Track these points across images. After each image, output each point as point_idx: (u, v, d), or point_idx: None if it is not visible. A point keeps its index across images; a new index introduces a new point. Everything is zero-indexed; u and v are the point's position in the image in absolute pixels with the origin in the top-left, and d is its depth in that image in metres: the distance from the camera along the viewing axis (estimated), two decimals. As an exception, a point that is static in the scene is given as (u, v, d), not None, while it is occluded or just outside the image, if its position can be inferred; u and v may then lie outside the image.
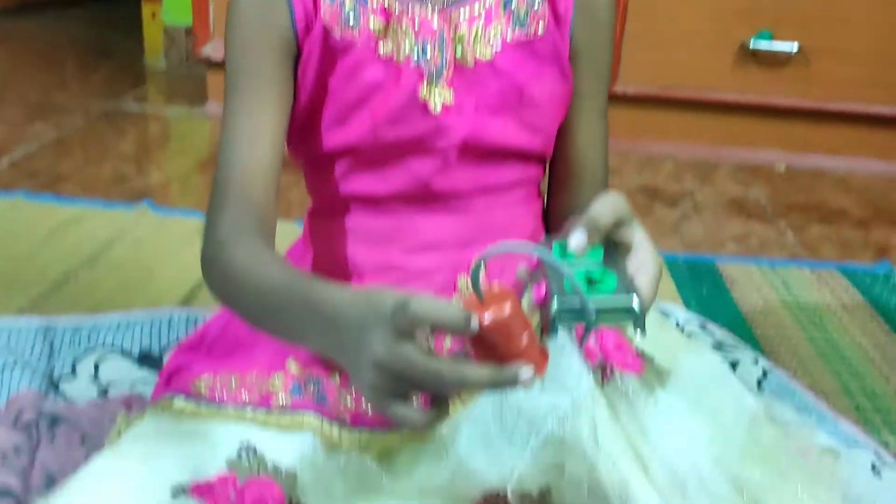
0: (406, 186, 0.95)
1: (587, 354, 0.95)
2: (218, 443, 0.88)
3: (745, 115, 2.52)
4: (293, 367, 0.97)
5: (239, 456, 0.88)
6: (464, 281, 0.96)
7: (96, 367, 1.23)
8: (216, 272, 0.87)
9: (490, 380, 0.65)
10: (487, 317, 0.63)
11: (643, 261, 0.78)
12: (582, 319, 0.68)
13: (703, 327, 1.48)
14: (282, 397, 0.94)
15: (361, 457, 0.91)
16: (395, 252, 0.96)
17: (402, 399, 0.67)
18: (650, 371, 0.97)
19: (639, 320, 0.70)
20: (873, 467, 1.10)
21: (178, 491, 0.84)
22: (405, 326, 0.64)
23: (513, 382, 0.65)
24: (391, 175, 0.94)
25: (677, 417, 0.94)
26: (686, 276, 1.75)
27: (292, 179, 1.07)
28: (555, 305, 0.67)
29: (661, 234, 1.98)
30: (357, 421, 0.95)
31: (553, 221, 1.04)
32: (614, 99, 1.11)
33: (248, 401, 0.93)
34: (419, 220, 0.96)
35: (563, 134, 1.04)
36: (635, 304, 0.69)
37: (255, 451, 0.88)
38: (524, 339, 0.64)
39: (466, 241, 0.96)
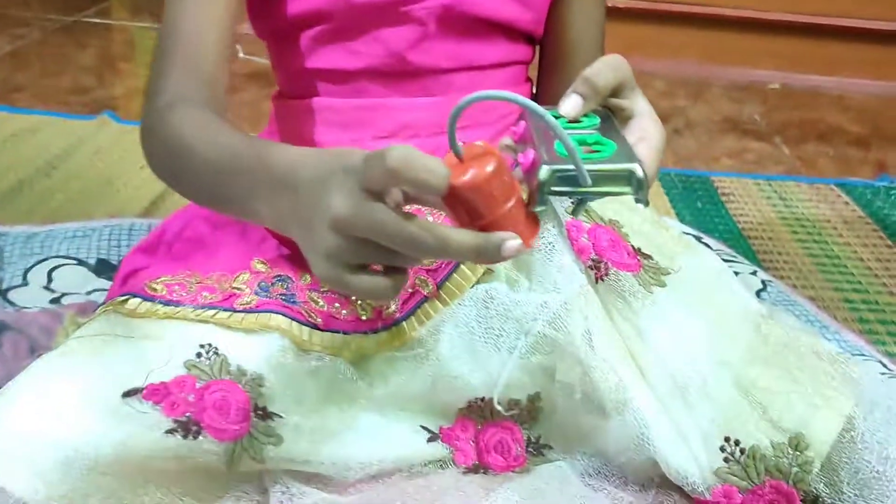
0: (379, 61, 0.85)
1: (579, 252, 0.87)
2: (175, 344, 0.80)
3: (738, 31, 2.42)
4: (259, 266, 0.89)
5: (198, 357, 0.79)
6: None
7: (49, 276, 1.14)
8: (157, 142, 0.77)
9: (473, 246, 0.55)
10: (468, 175, 0.54)
11: (645, 129, 0.69)
12: (575, 189, 0.58)
13: (698, 240, 1.41)
14: (247, 297, 0.86)
15: (334, 360, 0.84)
16: (368, 136, 0.86)
17: (360, 270, 0.57)
18: (648, 269, 0.89)
19: (641, 191, 0.60)
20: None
21: (131, 393, 0.75)
22: (377, 182, 0.54)
23: (497, 252, 0.56)
24: (362, 47, 0.85)
25: (677, 318, 0.87)
26: (680, 190, 1.67)
27: (265, 92, 0.97)
28: (543, 169, 0.57)
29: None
30: (329, 323, 0.87)
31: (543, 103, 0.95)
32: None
33: (209, 301, 0.85)
34: (394, 99, 0.86)
35: (555, 12, 0.94)
36: (638, 171, 0.60)
37: (216, 351, 0.80)
38: (510, 204, 0.56)
39: (444, 123, 0.87)
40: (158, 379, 0.77)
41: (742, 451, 0.80)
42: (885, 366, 1.12)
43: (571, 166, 0.56)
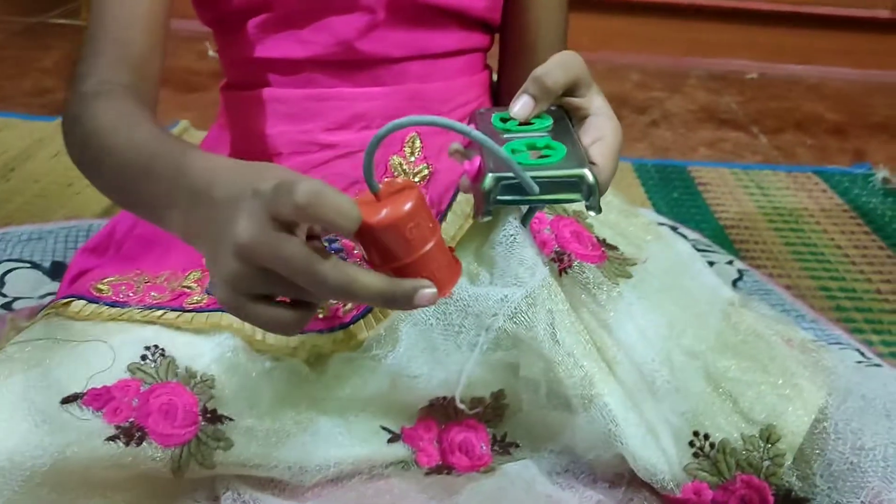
0: (327, 50, 0.81)
1: (541, 244, 0.84)
2: (119, 347, 0.77)
3: (715, 22, 2.40)
4: (212, 265, 0.85)
5: (143, 359, 0.76)
6: (397, 160, 0.84)
7: (1, 280, 1.11)
8: (77, 132, 0.72)
9: (380, 292, 0.51)
10: (382, 214, 0.50)
11: (601, 129, 0.66)
12: (522, 197, 0.55)
13: (674, 230, 1.38)
14: (197, 296, 0.82)
15: (290, 361, 0.80)
16: (318, 127, 0.83)
17: (262, 300, 0.53)
18: (613, 260, 0.86)
19: (593, 196, 0.57)
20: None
21: (70, 399, 0.72)
22: (285, 214, 0.50)
23: (408, 301, 0.52)
24: (310, 36, 0.81)
25: (644, 309, 0.84)
26: (656, 181, 1.64)
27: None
28: (488, 178, 0.54)
29: (628, 139, 1.86)
30: (285, 323, 0.83)
31: (504, 97, 0.92)
32: (575, 5, 0.98)
33: (157, 301, 0.81)
34: (344, 90, 0.83)
35: (515, -1, 0.91)
36: (588, 177, 0.57)
37: (163, 353, 0.77)
38: (427, 247, 0.52)
39: (399, 114, 0.83)
40: (100, 383, 0.74)
41: (712, 446, 0.77)
42: (862, 354, 1.10)
43: (516, 174, 0.54)
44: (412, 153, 0.84)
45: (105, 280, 0.85)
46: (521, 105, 0.64)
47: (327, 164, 0.83)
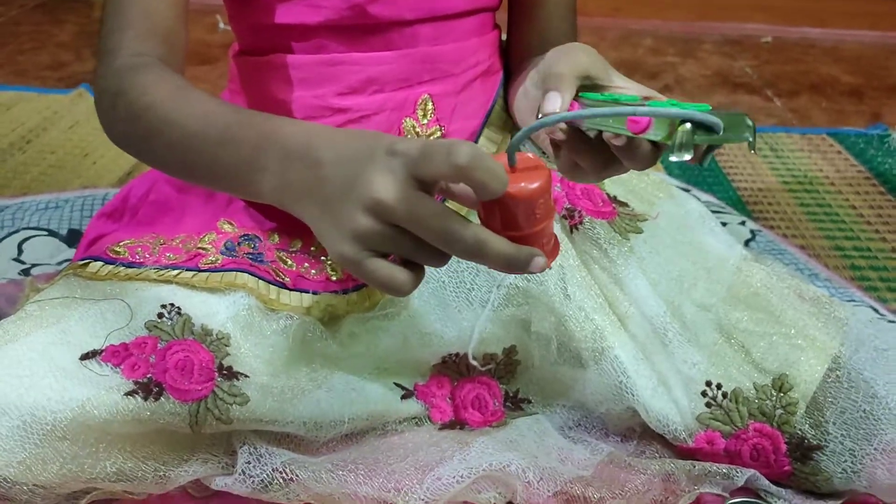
0: (340, 14, 0.81)
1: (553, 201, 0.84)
2: (137, 306, 0.78)
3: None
4: (227, 226, 0.86)
5: (160, 317, 0.77)
6: (410, 123, 0.84)
7: (20, 248, 1.12)
8: (122, 106, 0.71)
9: (507, 256, 0.52)
10: (520, 186, 0.52)
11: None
12: (707, 135, 0.55)
13: (685, 192, 1.38)
14: (212, 256, 0.83)
15: (304, 319, 0.81)
16: (331, 92, 0.83)
17: (381, 257, 0.54)
18: (623, 216, 0.87)
19: (754, 135, 0.57)
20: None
21: (89, 356, 0.73)
22: (434, 174, 0.51)
23: (525, 266, 0.53)
24: (322, 1, 0.81)
25: (655, 262, 0.84)
26: (668, 145, 1.63)
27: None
28: (686, 125, 0.53)
29: (641, 105, 1.85)
30: (298, 283, 0.84)
31: (513, 56, 0.92)
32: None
33: (172, 261, 0.82)
34: (357, 54, 0.83)
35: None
36: (748, 119, 0.57)
37: (178, 311, 0.78)
38: (546, 222, 0.55)
39: (411, 77, 0.84)
40: (118, 340, 0.75)
41: (724, 395, 0.77)
42: (876, 311, 1.10)
43: (699, 115, 0.54)
44: (424, 115, 0.84)
45: (121, 243, 0.86)
46: (551, 102, 0.63)
47: (341, 127, 0.83)
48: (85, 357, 0.73)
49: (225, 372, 0.76)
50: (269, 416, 0.77)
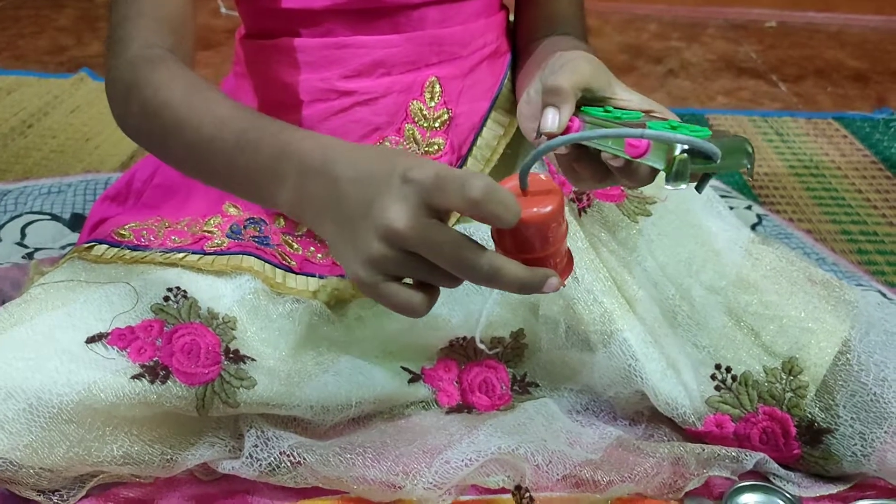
0: None
1: (560, 184, 0.83)
2: (142, 289, 0.77)
3: (733, -30, 2.37)
4: (232, 209, 0.85)
5: (166, 301, 0.77)
6: (417, 105, 0.83)
7: (23, 232, 1.11)
8: (135, 101, 0.70)
9: (521, 280, 0.53)
10: (532, 211, 0.53)
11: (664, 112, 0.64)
12: (704, 163, 0.54)
13: (692, 176, 1.37)
14: (218, 239, 0.83)
15: (311, 302, 0.81)
16: (336, 75, 0.82)
17: (395, 281, 0.54)
18: (632, 199, 0.86)
19: (753, 162, 0.57)
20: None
21: (95, 339, 0.73)
22: (448, 205, 0.51)
23: (539, 287, 0.54)
24: None
25: (664, 245, 0.83)
26: (673, 130, 1.63)
27: None
28: (678, 149, 0.53)
29: (645, 89, 1.83)
30: (305, 266, 0.84)
31: (521, 38, 0.91)
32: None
33: (178, 244, 0.82)
34: (364, 38, 0.82)
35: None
36: (749, 142, 0.56)
37: (185, 295, 0.77)
38: (559, 244, 0.56)
39: (418, 59, 0.83)
40: (124, 324, 0.74)
41: (734, 378, 0.77)
42: (884, 295, 1.09)
43: (699, 142, 0.52)
44: (432, 98, 0.84)
45: (126, 226, 0.85)
46: (550, 120, 0.62)
47: (347, 111, 0.83)
48: (91, 340, 0.73)
49: (231, 355, 0.75)
50: (276, 400, 0.76)
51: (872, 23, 2.35)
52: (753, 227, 1.23)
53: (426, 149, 0.84)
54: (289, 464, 0.74)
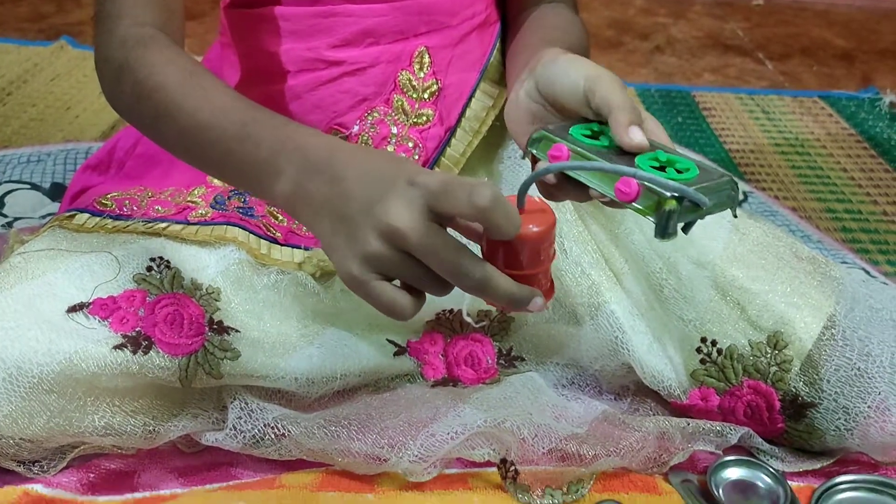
0: None
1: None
2: (125, 258, 0.76)
3: (721, -53, 2.35)
4: (216, 181, 0.84)
5: (149, 270, 0.76)
6: (406, 76, 0.82)
7: (1, 201, 1.10)
8: (127, 81, 0.69)
9: (510, 295, 0.55)
10: (528, 228, 0.55)
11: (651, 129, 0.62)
12: (696, 214, 0.54)
13: (678, 153, 1.37)
14: (202, 209, 0.81)
15: (297, 275, 0.80)
16: (324, 44, 0.81)
17: (386, 281, 0.55)
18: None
19: (735, 205, 0.57)
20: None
21: (76, 308, 0.72)
22: (453, 211, 0.53)
23: (524, 305, 0.56)
24: None
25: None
26: (660, 106, 1.62)
27: None
28: (670, 203, 0.53)
29: (631, 65, 1.84)
30: (290, 238, 0.83)
31: (511, 6, 0.89)
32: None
33: (161, 214, 0.81)
34: (351, 6, 0.80)
35: None
36: (739, 184, 0.58)
37: (167, 265, 0.76)
38: (547, 264, 0.57)
39: (406, 29, 0.82)
40: (106, 293, 0.73)
41: (719, 352, 0.77)
42: (868, 273, 1.10)
43: (689, 191, 0.53)
44: (421, 69, 0.83)
45: (108, 195, 0.84)
46: (639, 137, 0.57)
47: (335, 81, 0.81)
48: (72, 310, 0.72)
49: (215, 326, 0.75)
50: (260, 372, 0.75)
51: (859, 2, 2.35)
52: (739, 204, 1.22)
53: (415, 120, 0.83)
54: (273, 436, 0.73)
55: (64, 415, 0.70)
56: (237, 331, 0.75)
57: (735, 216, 0.57)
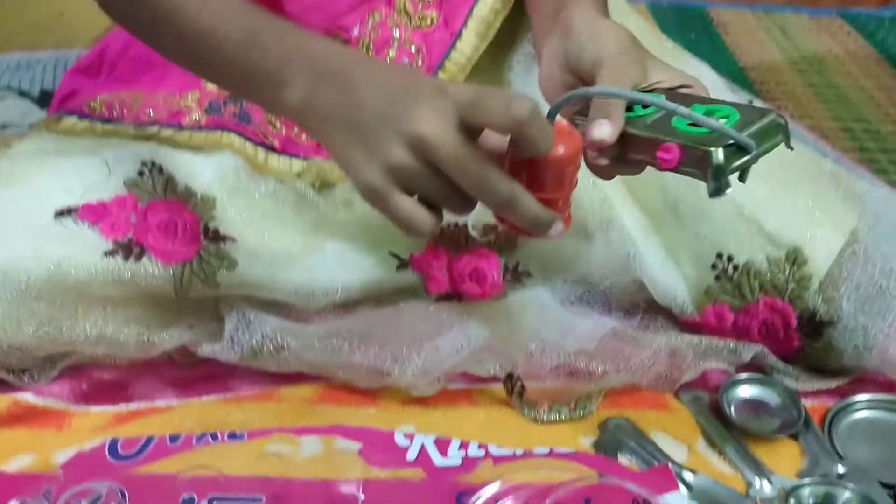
0: None
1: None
2: (115, 163, 0.73)
3: None
4: (211, 85, 0.80)
5: (140, 175, 0.72)
6: (401, 1, 0.78)
7: (-10, 109, 1.06)
8: None
9: (535, 215, 0.53)
10: (558, 149, 0.53)
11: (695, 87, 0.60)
12: (745, 159, 0.52)
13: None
14: (196, 114, 0.78)
15: (296, 183, 0.77)
16: None
17: (407, 194, 0.52)
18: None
19: (788, 136, 0.54)
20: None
21: (64, 213, 0.69)
22: (487, 122, 0.50)
23: (545, 229, 0.54)
24: None
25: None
26: (672, 23, 1.57)
27: None
28: (717, 153, 0.51)
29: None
30: (288, 147, 0.79)
31: None
32: None
33: (153, 118, 0.77)
34: None
35: None
36: (781, 115, 0.54)
37: (160, 170, 0.73)
38: (569, 190, 0.56)
39: None
40: (95, 198, 0.70)
41: (735, 268, 0.74)
42: (886, 194, 1.06)
43: (729, 140, 0.51)
44: None
45: (98, 98, 0.80)
46: (605, 132, 0.55)
47: None
48: (60, 214, 0.69)
49: (211, 234, 0.72)
50: (258, 283, 0.73)
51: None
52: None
53: (418, 22, 0.78)
54: (271, 348, 0.71)
55: (53, 323, 0.67)
56: (234, 240, 0.72)
57: (790, 148, 0.54)
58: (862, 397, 0.73)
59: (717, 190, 0.52)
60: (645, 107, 0.55)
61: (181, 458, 0.63)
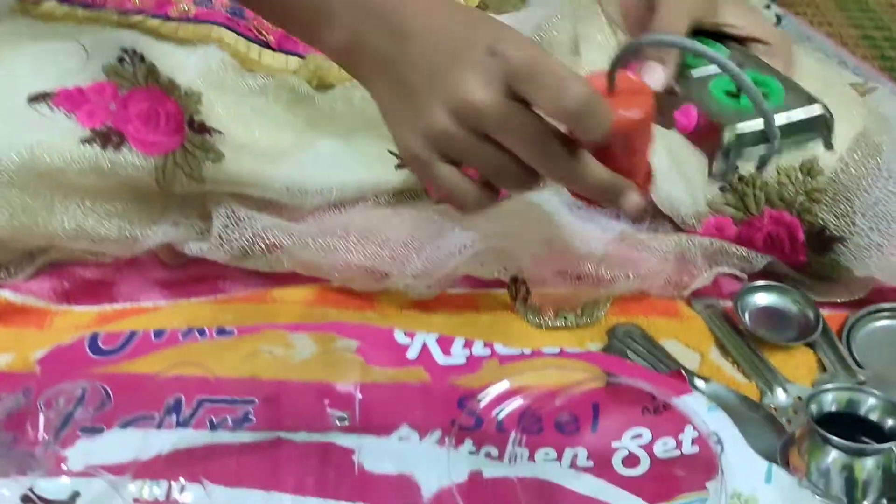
0: None
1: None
2: (93, 48, 0.69)
3: None
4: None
5: (120, 62, 0.68)
6: None
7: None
8: None
9: (605, 185, 0.47)
10: (622, 115, 0.45)
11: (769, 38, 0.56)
12: (767, 150, 0.47)
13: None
14: (184, 5, 0.73)
15: (289, 79, 0.72)
16: None
17: (453, 164, 0.47)
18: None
19: (831, 135, 0.49)
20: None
21: (38, 98, 0.64)
22: (531, 97, 0.44)
23: (616, 199, 0.48)
24: None
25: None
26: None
27: None
28: (727, 133, 0.46)
29: None
30: (284, 43, 0.75)
31: None
32: None
33: (138, 7, 0.72)
34: None
35: None
36: (828, 115, 0.49)
37: (141, 58, 0.68)
38: (642, 154, 0.49)
39: None
40: (72, 84, 0.66)
41: (741, 179, 0.70)
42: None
43: (754, 124, 0.46)
44: None
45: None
46: (651, 71, 0.50)
47: None
48: (34, 100, 0.64)
49: (197, 127, 0.67)
50: (246, 178, 0.68)
51: None
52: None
53: None
54: (263, 246, 0.67)
55: (28, 212, 0.64)
56: (220, 132, 0.68)
57: (830, 148, 0.49)
58: (885, 305, 0.69)
59: (720, 173, 0.47)
60: (696, 55, 0.48)
61: (167, 353, 0.60)
